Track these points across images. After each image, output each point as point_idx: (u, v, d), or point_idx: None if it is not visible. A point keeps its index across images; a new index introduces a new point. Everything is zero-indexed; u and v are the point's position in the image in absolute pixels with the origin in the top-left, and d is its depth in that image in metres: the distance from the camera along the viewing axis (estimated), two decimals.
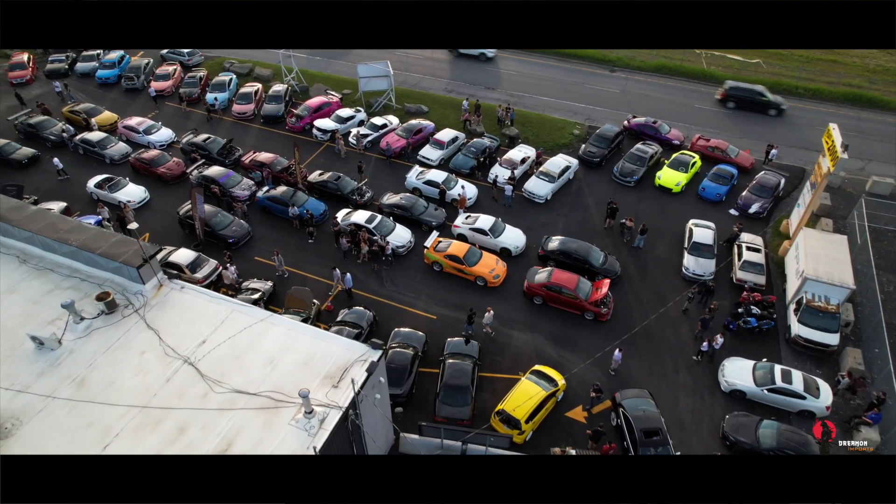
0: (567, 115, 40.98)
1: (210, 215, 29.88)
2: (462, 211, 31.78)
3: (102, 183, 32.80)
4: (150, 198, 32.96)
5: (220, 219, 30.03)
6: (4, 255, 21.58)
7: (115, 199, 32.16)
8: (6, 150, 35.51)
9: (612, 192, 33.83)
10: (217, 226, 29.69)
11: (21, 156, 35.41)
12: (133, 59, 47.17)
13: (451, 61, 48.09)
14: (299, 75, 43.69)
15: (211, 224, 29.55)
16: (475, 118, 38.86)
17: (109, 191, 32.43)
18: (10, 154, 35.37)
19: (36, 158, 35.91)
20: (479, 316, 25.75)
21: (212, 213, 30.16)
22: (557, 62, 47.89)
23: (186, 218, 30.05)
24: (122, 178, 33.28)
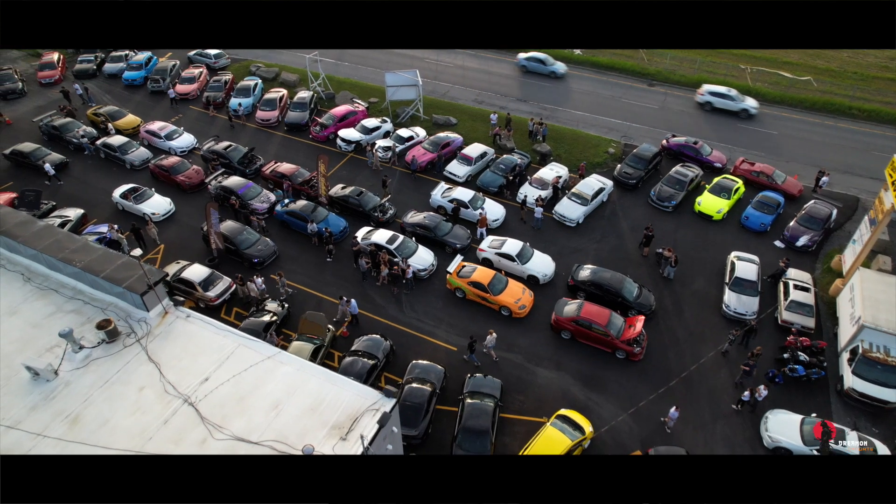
0: (602, 131, 39.07)
1: (234, 232, 28.80)
2: (482, 231, 30.27)
3: (128, 193, 31.94)
4: (175, 210, 32.00)
5: (246, 237, 28.89)
6: (9, 273, 20.71)
7: (139, 210, 31.30)
8: (35, 156, 34.86)
9: (648, 217, 31.87)
10: (241, 244, 28.54)
11: (50, 162, 34.67)
12: (161, 60, 46.72)
13: (482, 70, 46.50)
14: (325, 81, 42.58)
15: (235, 242, 28.44)
16: (505, 132, 37.23)
17: (135, 201, 31.56)
18: (39, 160, 34.63)
19: (64, 165, 35.20)
20: (479, 342, 24.61)
21: (236, 230, 29.06)
22: (593, 73, 45.96)
23: (215, 234, 28.90)
24: (148, 189, 32.39)
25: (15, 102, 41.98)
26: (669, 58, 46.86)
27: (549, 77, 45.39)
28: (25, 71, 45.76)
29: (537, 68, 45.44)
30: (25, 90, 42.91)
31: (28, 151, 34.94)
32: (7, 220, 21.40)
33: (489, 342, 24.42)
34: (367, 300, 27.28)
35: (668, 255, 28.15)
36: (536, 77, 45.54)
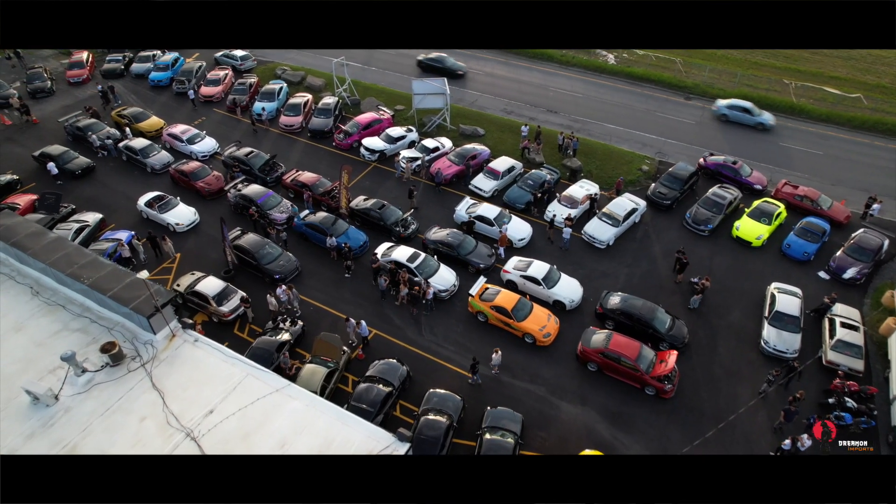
0: (635, 146, 37.46)
1: (255, 247, 27.82)
2: (503, 250, 29.05)
3: (153, 202, 31.21)
4: (199, 220, 31.25)
5: (268, 251, 27.85)
6: (18, 286, 20.10)
7: (163, 220, 30.57)
8: (63, 159, 34.29)
9: (682, 241, 30.23)
10: (263, 259, 27.50)
11: (76, 166, 34.20)
12: (188, 61, 46.38)
13: (512, 78, 45.15)
14: (351, 87, 41.70)
15: (256, 256, 27.45)
16: (534, 146, 35.87)
17: (159, 210, 30.81)
18: (66, 164, 34.14)
19: (91, 169, 34.72)
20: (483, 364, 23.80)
21: (258, 244, 28.05)
22: (627, 85, 44.28)
23: (234, 247, 28.01)
24: (174, 198, 31.67)
25: (43, 101, 41.94)
26: (708, 70, 44.96)
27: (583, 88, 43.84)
28: (55, 70, 45.79)
29: None
30: (54, 89, 42.85)
31: (55, 154, 34.45)
32: (19, 230, 20.84)
33: (495, 361, 23.55)
34: (384, 320, 26.23)
35: (705, 284, 26.54)
36: (569, 88, 44.03)
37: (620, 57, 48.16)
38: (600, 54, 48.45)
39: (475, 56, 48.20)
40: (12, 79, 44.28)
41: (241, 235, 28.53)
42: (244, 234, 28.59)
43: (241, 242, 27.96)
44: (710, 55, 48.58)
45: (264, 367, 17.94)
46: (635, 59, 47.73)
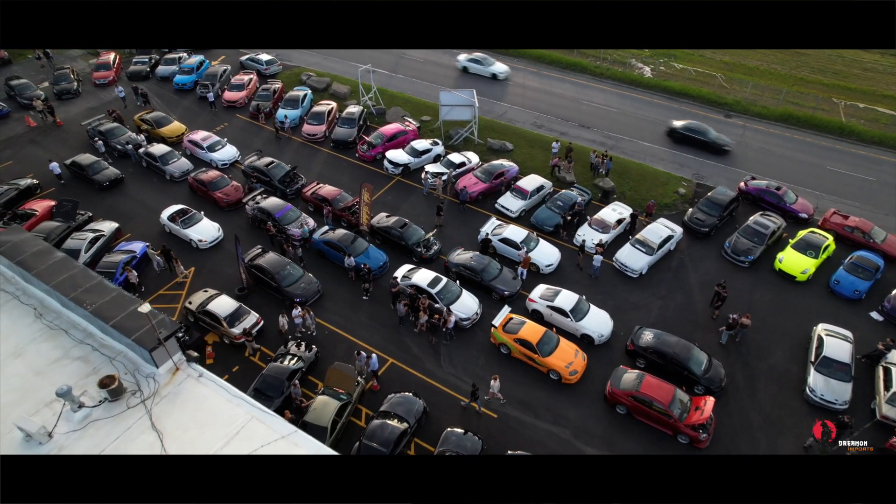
0: (672, 167, 35.62)
1: (276, 267, 26.64)
2: (524, 273, 27.64)
3: (176, 215, 30.13)
4: (223, 237, 30.19)
5: (289, 272, 26.60)
6: (22, 306, 19.29)
7: (186, 235, 29.55)
8: (92, 169, 33.38)
9: (720, 272, 28.41)
10: (283, 280, 26.27)
11: (103, 178, 33.19)
12: (213, 63, 45.76)
13: (543, 90, 43.54)
14: (377, 95, 40.54)
15: (276, 278, 26.29)
16: (565, 164, 34.26)
17: (182, 225, 29.70)
18: (94, 175, 33.20)
19: (119, 181, 33.79)
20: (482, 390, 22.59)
21: (278, 264, 26.86)
22: (664, 100, 42.36)
23: (253, 266, 27.02)
24: (198, 213, 30.52)
25: (69, 103, 41.64)
26: (751, 86, 42.79)
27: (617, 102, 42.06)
28: (82, 71, 45.56)
29: None
30: (80, 91, 42.54)
31: (86, 164, 33.53)
32: (25, 247, 20.03)
33: (494, 388, 22.37)
34: (401, 348, 24.97)
35: (745, 323, 24.74)
36: (602, 101, 42.28)
37: (657, 70, 46.24)
38: (636, 66, 46.59)
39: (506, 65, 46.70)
40: (40, 79, 44.12)
41: (261, 255, 27.39)
42: (264, 254, 27.44)
43: (261, 262, 26.81)
44: (752, 69, 46.40)
45: (270, 411, 16.74)
46: (673, 73, 45.75)
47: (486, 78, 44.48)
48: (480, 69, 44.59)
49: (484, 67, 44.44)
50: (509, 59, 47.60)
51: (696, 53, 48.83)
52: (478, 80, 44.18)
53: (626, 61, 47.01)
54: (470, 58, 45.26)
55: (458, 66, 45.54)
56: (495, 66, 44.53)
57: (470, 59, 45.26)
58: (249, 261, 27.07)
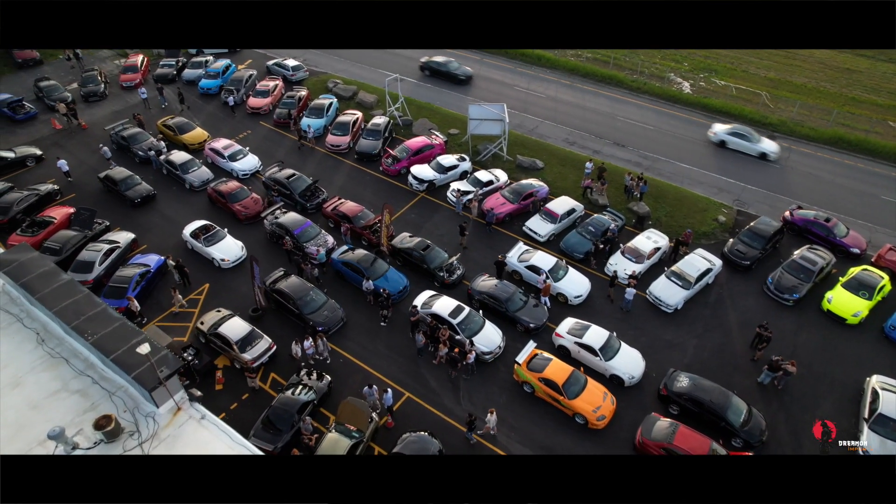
0: (711, 191, 33.68)
1: (298, 292, 25.29)
2: (546, 300, 26.22)
3: (199, 232, 28.96)
4: (246, 256, 28.80)
5: (311, 299, 25.28)
6: (25, 330, 18.48)
7: (208, 253, 28.32)
8: (125, 185, 32.00)
9: (762, 310, 26.51)
10: (305, 307, 24.93)
11: (135, 194, 31.80)
12: (240, 68, 45.10)
13: (577, 104, 41.88)
14: (404, 106, 39.33)
15: (298, 304, 24.97)
16: (598, 185, 32.59)
17: (205, 243, 28.43)
18: (126, 190, 31.86)
19: (151, 198, 32.46)
20: None
21: (300, 290, 25.46)
22: (704, 118, 40.32)
23: (274, 291, 25.83)
24: (221, 230, 29.32)
25: (95, 105, 41.32)
26: (798, 106, 40.47)
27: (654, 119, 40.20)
28: (111, 72, 45.28)
29: None
30: (107, 93, 42.20)
31: (119, 179, 32.24)
32: (31, 267, 19.23)
33: (490, 422, 21.27)
34: (419, 381, 23.67)
35: (790, 370, 22.88)
36: (639, 118, 40.45)
37: (697, 86, 44.17)
38: (675, 81, 44.59)
39: (538, 77, 45.19)
40: (69, 80, 43.96)
41: (283, 278, 26.18)
42: (286, 277, 26.22)
43: (283, 286, 25.56)
44: (799, 87, 44.03)
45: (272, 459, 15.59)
46: (713, 89, 43.64)
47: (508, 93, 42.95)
48: (746, 146, 36.29)
49: (750, 144, 36.19)
50: (540, 70, 46.05)
51: (738, 69, 46.62)
52: (506, 92, 42.64)
53: (665, 76, 45.05)
54: (731, 130, 37.05)
55: (713, 139, 37.42)
56: (764, 144, 36.15)
57: (731, 131, 36.98)
58: (271, 284, 25.89)
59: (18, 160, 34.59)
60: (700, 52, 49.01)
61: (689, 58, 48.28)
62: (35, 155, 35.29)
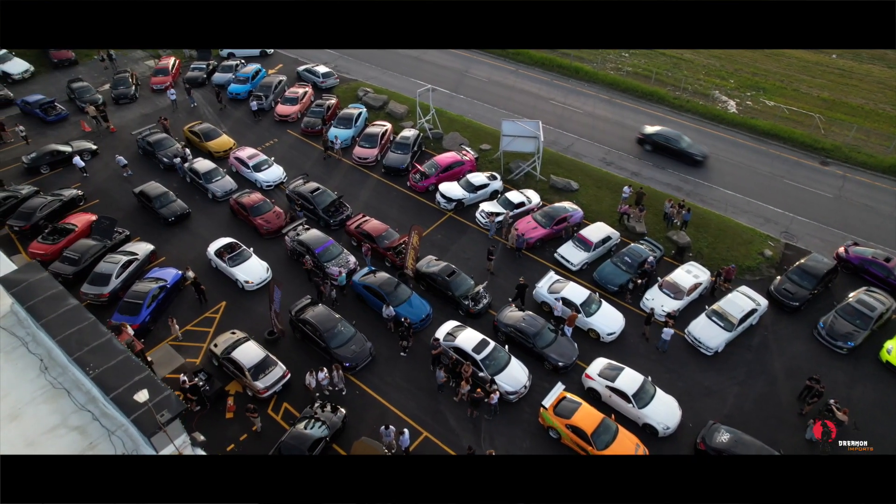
0: (757, 221, 31.59)
1: (325, 324, 23.78)
2: (570, 331, 24.74)
3: (224, 251, 27.76)
4: (271, 278, 27.55)
5: (340, 331, 23.78)
6: (29, 356, 17.78)
7: (232, 274, 27.13)
8: (159, 202, 30.75)
9: (812, 357, 24.50)
10: (332, 340, 23.47)
11: (169, 212, 30.58)
12: (270, 72, 44.42)
13: (616, 121, 40.06)
14: (435, 118, 38.05)
15: (325, 336, 23.52)
16: (636, 212, 30.82)
17: (229, 263, 27.19)
18: (160, 208, 30.64)
19: (185, 216, 31.22)
20: None
21: (327, 320, 23.95)
22: (750, 140, 38.14)
23: (299, 320, 24.43)
24: (246, 249, 28.01)
25: (124, 108, 41.02)
26: (854, 130, 37.96)
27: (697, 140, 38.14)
28: (143, 74, 45.04)
29: None
30: (137, 96, 41.90)
31: (153, 195, 30.98)
32: (38, 290, 18.49)
33: None
34: (438, 420, 22.34)
35: (843, 419, 20.95)
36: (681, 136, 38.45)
37: (743, 105, 41.89)
38: (719, 100, 42.39)
39: (575, 91, 43.47)
40: (102, 81, 43.82)
41: (310, 307, 24.86)
42: (313, 306, 24.87)
43: (309, 317, 24.20)
44: (855, 109, 41.41)
45: None
46: (761, 110, 41.31)
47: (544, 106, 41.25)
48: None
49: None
50: (578, 83, 44.31)
51: (788, 87, 44.14)
52: (542, 105, 41.03)
53: (709, 93, 42.85)
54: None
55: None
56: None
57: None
58: (296, 313, 24.62)
59: (75, 153, 34.72)
60: (748, 69, 46.63)
61: (735, 74, 45.95)
62: (90, 149, 35.55)
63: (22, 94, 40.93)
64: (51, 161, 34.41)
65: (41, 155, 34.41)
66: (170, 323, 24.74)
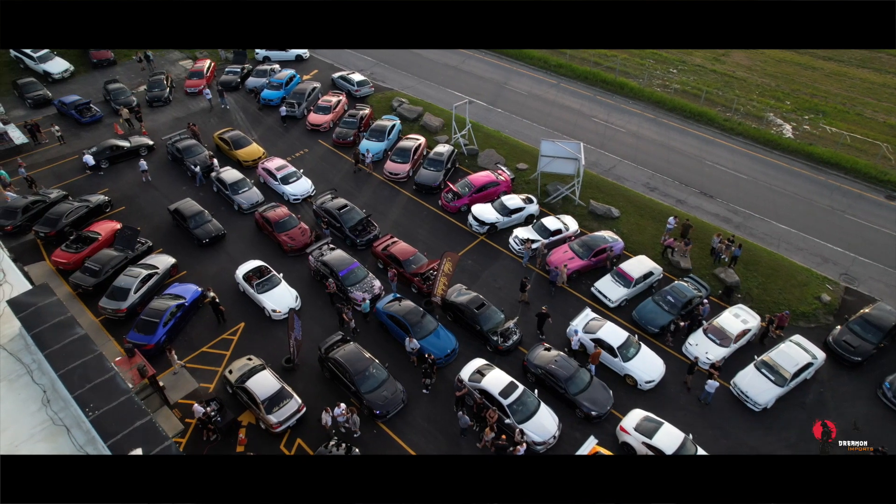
0: (813, 261, 29.23)
1: (355, 366, 22.15)
2: (592, 368, 23.13)
3: (252, 275, 26.45)
4: (300, 307, 26.38)
5: (372, 374, 22.14)
6: (34, 385, 16.93)
7: (259, 301, 25.74)
8: (194, 222, 29.41)
9: (875, 420, 22.21)
10: (362, 384, 21.86)
11: (204, 233, 29.16)
12: (305, 78, 43.58)
13: (661, 143, 37.93)
14: (471, 133, 36.55)
15: (355, 380, 21.92)
16: (681, 245, 28.79)
17: (257, 289, 25.80)
18: (195, 228, 29.29)
19: (221, 237, 29.84)
20: None
21: (358, 362, 22.28)
22: (808, 169, 35.63)
23: (328, 360, 22.86)
24: (276, 275, 26.61)
25: (158, 110, 40.66)
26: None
27: (748, 167, 35.78)
28: (178, 76, 44.70)
29: None
30: (170, 98, 41.51)
31: (188, 214, 29.62)
32: (46, 316, 17.65)
33: None
34: None
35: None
36: (730, 163, 36.13)
37: (801, 129, 39.27)
38: (774, 123, 39.83)
39: (619, 108, 41.47)
40: (138, 83, 43.60)
41: (340, 345, 23.35)
42: (345, 344, 23.37)
43: (340, 356, 22.63)
44: None
45: None
46: (821, 135, 38.62)
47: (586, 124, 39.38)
48: None
49: None
50: (622, 99, 42.28)
51: (851, 111, 41.26)
52: (584, 123, 39.17)
53: (763, 115, 40.33)
54: None
55: None
56: None
57: None
58: (326, 350, 23.26)
59: (133, 149, 35.41)
60: (806, 90, 43.84)
61: (792, 95, 43.22)
62: (148, 145, 36.02)
63: (61, 94, 40.95)
64: (110, 156, 34.71)
65: (101, 150, 34.71)
66: (168, 354, 23.49)
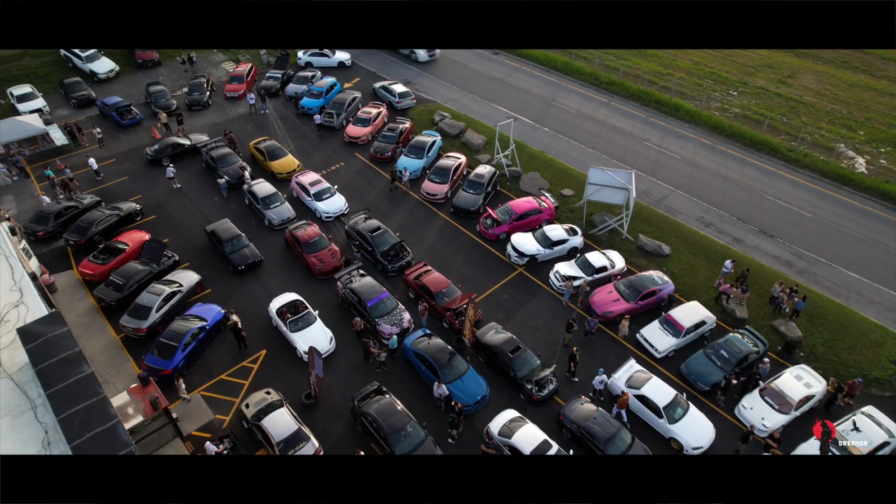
0: (888, 317, 26.42)
1: (393, 425, 20.27)
2: (621, 413, 21.47)
3: (286, 311, 24.89)
4: (335, 349, 24.61)
5: (408, 433, 20.25)
6: (36, 425, 15.97)
7: (292, 340, 24.12)
8: (230, 246, 28.00)
9: None
10: (396, 444, 19.95)
11: (240, 259, 27.71)
12: (346, 86, 42.48)
13: (717, 173, 35.36)
14: (514, 154, 34.73)
15: (390, 441, 20.04)
16: (738, 292, 26.37)
17: (290, 327, 24.19)
18: (231, 253, 27.84)
19: (258, 264, 28.24)
20: None
21: (395, 419, 20.44)
22: (883, 209, 32.60)
23: (361, 413, 21.06)
24: (311, 312, 24.94)
25: (196, 115, 40.16)
26: None
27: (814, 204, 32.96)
28: (219, 80, 44.20)
29: None
30: (210, 102, 40.94)
31: (225, 238, 28.16)
32: (53, 350, 16.71)
33: None
34: None
35: None
36: (794, 199, 33.34)
37: (876, 164, 36.10)
38: (846, 155, 36.77)
39: (674, 132, 39.03)
40: (180, 85, 43.27)
41: (376, 396, 21.57)
42: (379, 396, 21.54)
43: (373, 410, 20.74)
44: None
45: None
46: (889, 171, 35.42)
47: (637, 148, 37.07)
48: None
49: None
50: (677, 122, 39.77)
51: None
52: (635, 147, 36.90)
53: (832, 146, 37.29)
54: None
55: None
56: None
57: None
58: (360, 402, 21.48)
59: (193, 147, 35.70)
60: (882, 118, 40.47)
61: (866, 125, 39.92)
62: (203, 143, 35.91)
63: (105, 94, 40.93)
64: (171, 154, 35.06)
65: (163, 147, 35.11)
66: (176, 383, 22.36)
